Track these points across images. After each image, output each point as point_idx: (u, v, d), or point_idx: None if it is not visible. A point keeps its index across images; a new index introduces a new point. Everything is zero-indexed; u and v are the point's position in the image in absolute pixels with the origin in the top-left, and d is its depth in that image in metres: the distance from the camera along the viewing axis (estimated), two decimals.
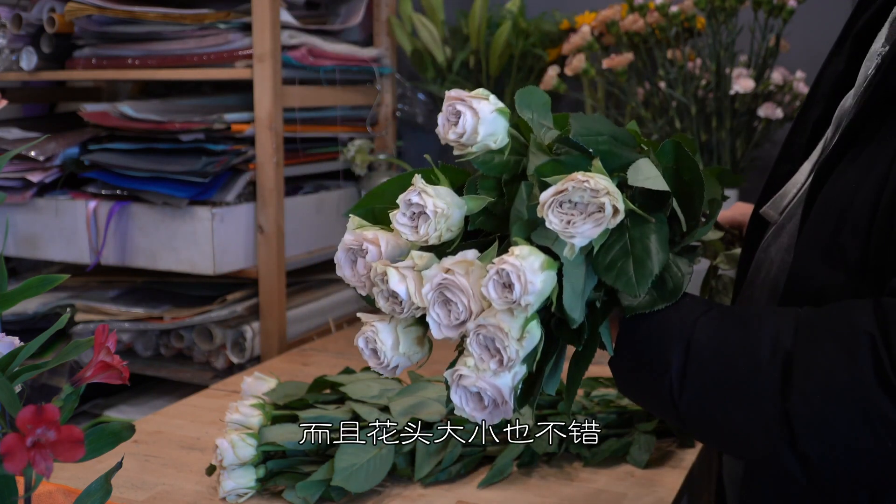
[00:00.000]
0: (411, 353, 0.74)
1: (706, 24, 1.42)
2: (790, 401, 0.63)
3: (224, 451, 0.89)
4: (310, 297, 1.64)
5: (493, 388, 0.67)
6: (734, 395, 0.65)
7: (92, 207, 1.48)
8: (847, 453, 0.63)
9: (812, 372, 0.63)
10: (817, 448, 0.63)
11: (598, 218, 0.63)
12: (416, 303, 0.68)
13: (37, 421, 0.49)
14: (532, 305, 0.63)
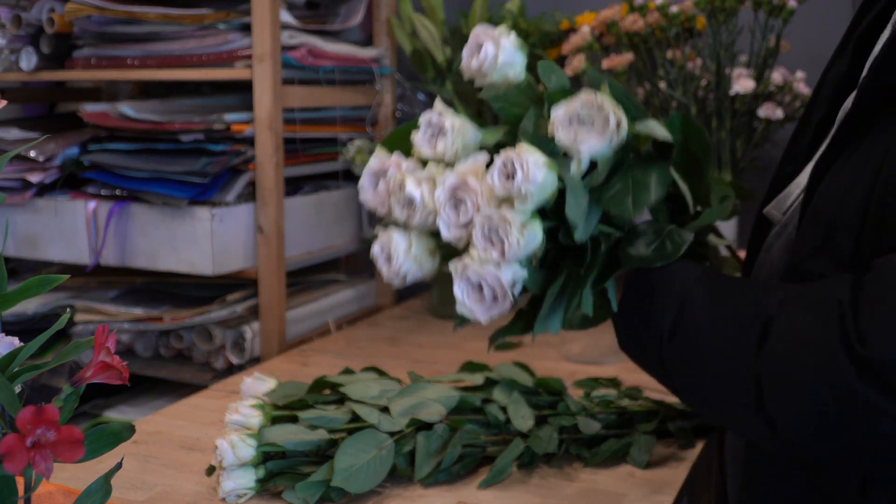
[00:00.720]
0: (422, 259, 0.79)
1: (706, 25, 1.42)
2: (761, 363, 0.66)
3: (224, 451, 0.89)
4: (310, 298, 1.64)
5: (494, 277, 0.72)
6: (714, 355, 0.69)
7: (91, 208, 1.48)
8: (811, 419, 0.64)
9: (784, 336, 0.65)
10: (782, 412, 0.65)
11: (604, 130, 0.68)
12: (428, 206, 0.73)
13: (37, 421, 0.49)
14: (532, 196, 0.68)
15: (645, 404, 1.08)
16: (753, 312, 0.68)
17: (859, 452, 0.65)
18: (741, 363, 0.67)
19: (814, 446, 0.66)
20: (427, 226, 0.76)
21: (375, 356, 1.40)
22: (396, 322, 1.64)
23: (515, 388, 1.05)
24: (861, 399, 0.60)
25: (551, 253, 0.76)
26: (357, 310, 1.76)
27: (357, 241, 1.76)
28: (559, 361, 1.36)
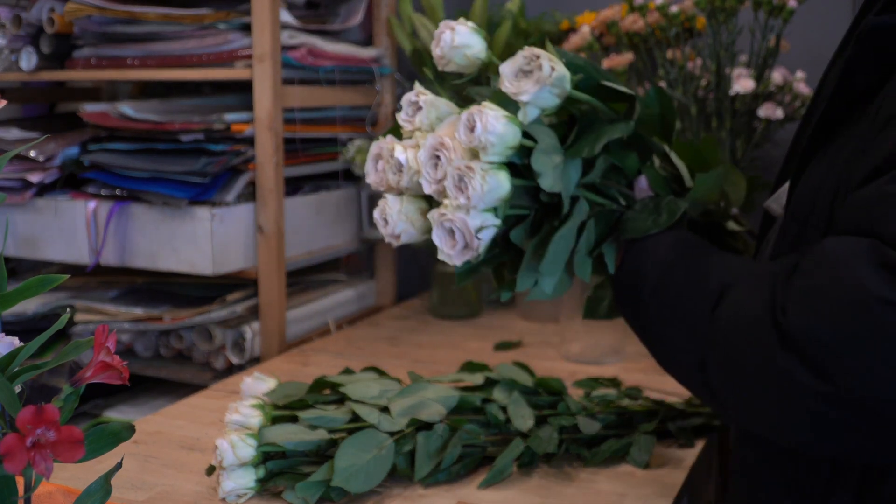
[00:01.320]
0: (413, 218, 0.86)
1: (706, 25, 1.42)
2: (711, 326, 0.70)
3: (224, 451, 0.89)
4: (310, 298, 1.64)
5: (462, 222, 0.79)
6: (677, 317, 0.76)
7: (91, 208, 1.48)
8: (740, 386, 0.68)
9: (731, 304, 0.69)
10: (718, 377, 0.69)
11: (539, 76, 0.77)
12: (413, 167, 0.83)
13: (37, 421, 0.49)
14: (493, 145, 0.76)
15: (645, 404, 1.08)
16: (718, 279, 0.73)
17: (783, 424, 0.66)
18: (697, 325, 0.72)
19: (744, 414, 0.70)
20: (414, 186, 0.84)
21: (375, 356, 1.40)
22: (396, 322, 1.64)
23: (515, 388, 1.05)
24: (780, 368, 0.62)
25: (538, 213, 0.85)
26: (357, 310, 1.76)
27: (357, 241, 1.76)
28: (559, 361, 1.36)
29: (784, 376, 0.62)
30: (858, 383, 0.59)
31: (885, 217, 0.59)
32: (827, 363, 0.60)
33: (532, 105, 0.79)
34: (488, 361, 1.13)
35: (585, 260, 0.86)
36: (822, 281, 0.61)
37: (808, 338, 0.60)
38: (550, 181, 0.80)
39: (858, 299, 0.58)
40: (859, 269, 0.59)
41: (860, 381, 0.59)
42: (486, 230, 0.79)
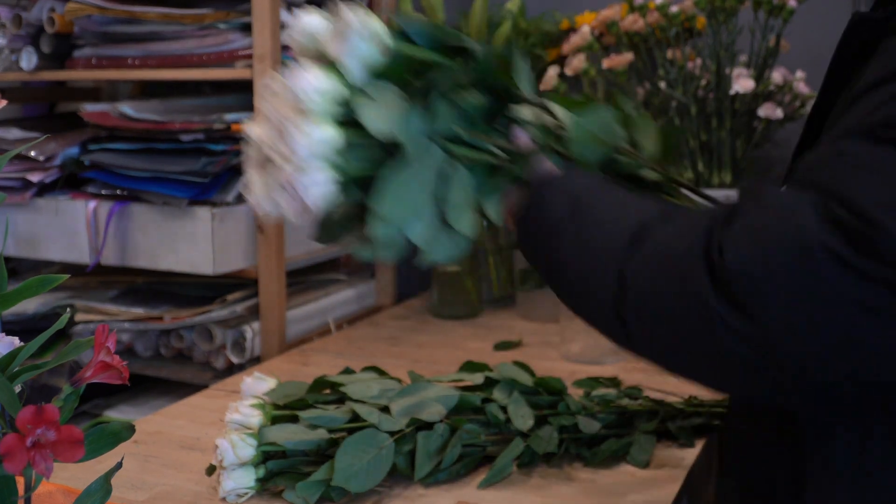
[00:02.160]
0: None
1: (706, 25, 1.42)
2: (631, 261, 0.68)
3: (224, 451, 0.89)
4: (310, 298, 1.64)
5: (289, 175, 0.77)
6: (590, 253, 0.73)
7: (92, 207, 1.48)
8: (658, 324, 0.66)
9: (657, 240, 0.68)
10: (636, 313, 0.68)
11: (344, 29, 0.78)
12: (257, 137, 0.81)
13: (37, 421, 0.49)
14: (310, 98, 0.77)
15: (645, 404, 1.08)
16: (639, 216, 0.71)
17: (699, 363, 0.66)
18: (610, 260, 0.70)
19: (659, 353, 0.69)
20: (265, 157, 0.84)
21: (375, 356, 1.40)
22: (396, 322, 1.64)
23: (515, 388, 1.05)
24: (705, 305, 0.61)
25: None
26: (357, 309, 1.76)
27: None
28: (559, 361, 1.36)
29: (709, 314, 0.61)
30: (782, 328, 0.59)
31: (838, 174, 0.59)
32: (756, 304, 0.59)
33: (351, 58, 0.79)
34: (488, 361, 1.13)
35: (464, 211, 0.82)
36: (764, 222, 0.61)
37: (741, 276, 0.60)
38: (380, 127, 0.79)
39: (802, 243, 0.58)
40: (805, 215, 0.58)
41: (784, 325, 0.59)
42: (317, 186, 0.78)
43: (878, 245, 0.55)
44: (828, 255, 0.57)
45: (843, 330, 0.58)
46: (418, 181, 0.81)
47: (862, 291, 0.56)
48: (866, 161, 0.59)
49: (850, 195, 0.57)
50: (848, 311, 0.57)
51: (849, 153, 0.60)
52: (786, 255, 0.58)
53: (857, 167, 0.59)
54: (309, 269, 1.70)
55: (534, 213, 0.80)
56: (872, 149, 0.59)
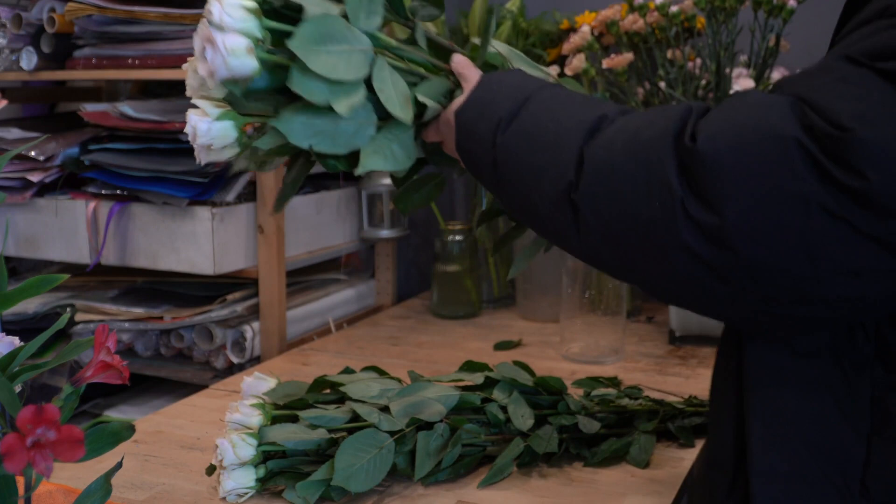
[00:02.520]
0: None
1: (706, 24, 1.42)
2: (590, 144, 0.67)
3: (224, 450, 0.89)
4: (310, 297, 1.64)
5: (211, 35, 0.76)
6: (544, 140, 0.70)
7: (92, 207, 1.48)
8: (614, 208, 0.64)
9: (623, 127, 0.66)
10: (591, 198, 0.66)
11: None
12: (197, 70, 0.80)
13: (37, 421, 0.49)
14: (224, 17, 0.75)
15: (645, 404, 1.08)
16: (598, 109, 0.70)
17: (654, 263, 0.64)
18: (568, 148, 0.68)
19: (611, 244, 0.66)
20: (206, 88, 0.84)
21: (375, 356, 1.40)
22: (396, 321, 1.64)
23: (515, 388, 1.05)
24: (672, 193, 0.61)
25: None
26: (357, 309, 1.76)
27: (357, 241, 1.76)
28: (559, 361, 1.36)
29: (670, 202, 0.61)
30: (743, 223, 0.58)
31: (820, 85, 0.60)
32: (722, 193, 0.59)
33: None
34: (488, 361, 1.13)
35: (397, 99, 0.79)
36: (742, 114, 0.61)
37: (711, 162, 0.59)
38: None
39: (777, 134, 0.58)
40: (783, 113, 0.59)
41: (745, 218, 0.58)
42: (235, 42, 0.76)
43: (847, 152, 0.56)
44: (799, 150, 0.57)
45: (802, 232, 0.57)
46: (345, 59, 0.78)
47: (826, 195, 0.56)
48: (849, 77, 0.59)
49: (827, 104, 0.58)
50: (810, 213, 0.57)
51: (830, 68, 0.61)
52: (759, 142, 0.59)
53: (836, 80, 0.60)
54: (309, 268, 1.70)
55: (477, 110, 0.76)
56: (854, 69, 0.59)
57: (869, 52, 0.59)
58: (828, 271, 0.58)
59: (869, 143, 0.55)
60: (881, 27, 0.60)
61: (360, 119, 0.80)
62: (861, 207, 0.56)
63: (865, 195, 0.56)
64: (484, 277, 1.71)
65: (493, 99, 0.76)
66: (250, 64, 0.76)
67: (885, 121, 0.56)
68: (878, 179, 0.55)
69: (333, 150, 0.80)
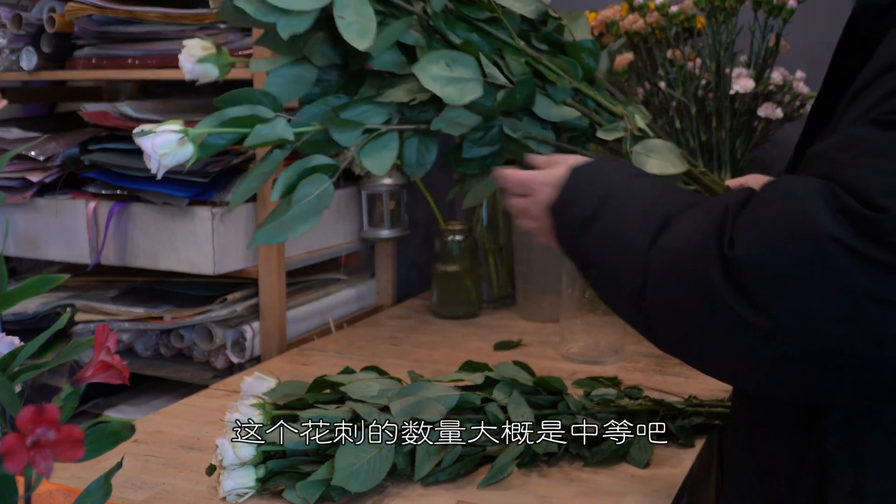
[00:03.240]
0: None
1: (706, 24, 1.42)
2: (652, 255, 0.69)
3: (224, 450, 0.89)
4: (310, 297, 1.64)
5: None
6: (619, 244, 0.73)
7: (92, 207, 1.48)
8: (678, 317, 0.67)
9: (676, 233, 0.68)
10: (656, 307, 0.68)
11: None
12: None
13: (37, 421, 0.49)
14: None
15: (645, 404, 1.08)
16: (662, 209, 0.71)
17: (717, 358, 0.66)
18: (636, 255, 0.70)
19: (679, 347, 0.69)
20: None
21: (375, 355, 1.40)
22: (396, 321, 1.64)
23: (515, 388, 1.05)
24: (719, 300, 0.61)
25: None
26: (357, 309, 1.76)
27: (357, 241, 1.76)
28: (559, 361, 1.36)
29: (722, 309, 0.61)
30: (794, 320, 0.58)
31: (849, 162, 0.59)
32: (768, 296, 0.59)
33: None
34: (488, 361, 1.13)
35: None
36: (774, 213, 0.61)
37: (752, 269, 0.60)
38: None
39: (810, 234, 0.57)
40: (815, 205, 0.58)
41: (797, 317, 0.58)
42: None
43: (885, 233, 0.55)
44: (837, 245, 0.56)
45: (857, 321, 0.57)
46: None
47: (872, 282, 0.56)
48: (875, 147, 0.58)
49: (858, 182, 0.57)
50: (860, 302, 0.56)
51: (858, 139, 0.59)
52: (795, 245, 0.58)
53: (865, 153, 0.58)
54: (309, 268, 1.70)
55: (567, 208, 0.80)
56: (881, 134, 0.58)
57: (892, 110, 0.58)
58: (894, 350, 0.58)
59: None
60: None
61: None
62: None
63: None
64: (484, 277, 1.71)
65: (578, 199, 0.79)
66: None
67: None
68: None
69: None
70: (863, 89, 0.64)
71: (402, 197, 1.76)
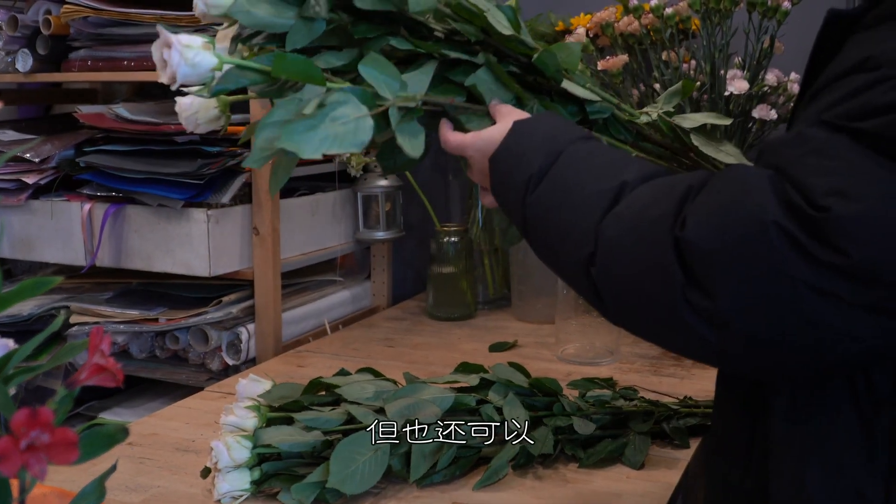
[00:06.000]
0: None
1: (701, 26, 1.42)
2: (606, 217, 0.69)
3: (219, 453, 0.89)
4: (305, 299, 1.64)
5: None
6: (569, 205, 0.72)
7: (87, 209, 1.48)
8: (623, 287, 0.67)
9: (633, 203, 0.68)
10: (605, 274, 0.68)
11: None
12: None
13: (31, 424, 0.49)
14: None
15: (640, 405, 1.08)
16: (621, 174, 0.71)
17: (662, 330, 0.67)
18: (589, 218, 0.70)
19: (625, 316, 0.69)
20: None
21: (371, 357, 1.40)
22: (392, 323, 1.64)
23: (511, 389, 1.05)
24: (668, 277, 0.62)
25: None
26: (352, 311, 1.76)
27: (353, 243, 1.76)
28: (554, 362, 1.36)
29: (671, 286, 0.62)
30: (737, 306, 0.60)
31: (796, 159, 0.60)
32: (713, 280, 0.61)
33: None
34: (483, 362, 1.13)
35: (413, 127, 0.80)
36: (724, 198, 0.62)
37: (699, 251, 0.61)
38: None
39: (757, 220, 0.59)
40: (763, 194, 0.60)
41: (739, 303, 0.60)
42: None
43: (826, 231, 0.56)
44: (782, 235, 0.58)
45: (798, 310, 0.58)
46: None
47: (813, 274, 0.57)
48: (823, 147, 0.60)
49: (805, 180, 0.59)
50: (800, 292, 0.58)
51: (807, 138, 0.61)
52: (742, 231, 0.60)
53: (814, 151, 0.60)
54: (304, 270, 1.70)
55: (510, 161, 0.78)
56: (830, 136, 0.60)
57: (845, 114, 0.60)
58: (829, 339, 0.59)
59: (845, 220, 0.56)
60: (858, 84, 0.60)
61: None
62: (847, 281, 0.57)
63: (849, 270, 0.56)
64: (479, 279, 1.71)
65: (525, 152, 0.77)
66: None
67: (860, 192, 0.56)
68: (859, 254, 0.56)
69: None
70: (820, 90, 0.65)
71: (398, 198, 1.76)
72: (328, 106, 0.74)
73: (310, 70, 0.76)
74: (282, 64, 0.75)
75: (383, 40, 0.83)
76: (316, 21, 0.80)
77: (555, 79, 0.87)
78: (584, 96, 0.88)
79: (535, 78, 0.88)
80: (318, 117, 0.74)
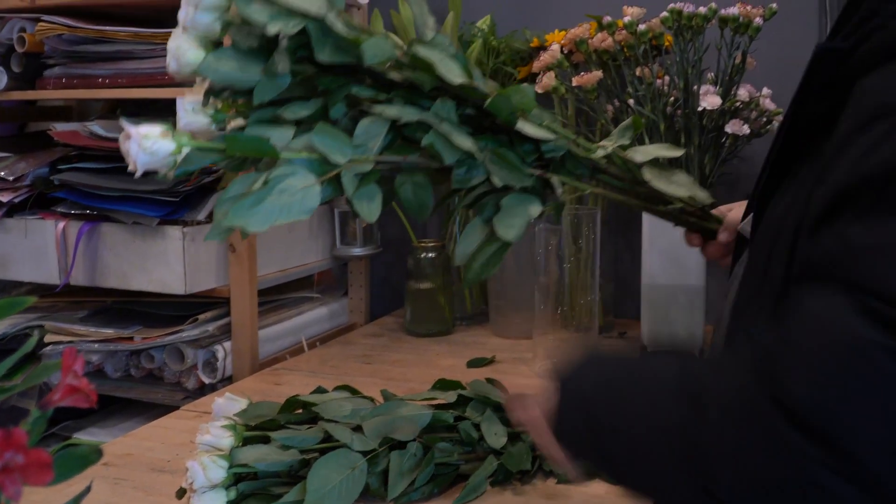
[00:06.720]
0: None
1: (674, 42, 1.44)
2: (700, 437, 0.61)
3: (194, 473, 0.89)
4: (282, 316, 1.63)
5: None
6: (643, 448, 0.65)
7: (61, 227, 1.47)
8: (754, 482, 0.60)
9: (712, 400, 0.61)
10: (731, 488, 0.61)
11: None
12: None
13: (5, 445, 0.49)
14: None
15: None
16: (675, 394, 0.64)
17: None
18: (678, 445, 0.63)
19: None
20: None
21: (348, 374, 1.40)
22: (369, 340, 1.64)
23: (488, 405, 1.05)
24: (790, 449, 0.57)
25: None
26: (330, 328, 1.75)
27: (330, 259, 1.76)
28: (532, 377, 1.36)
29: (794, 457, 0.56)
30: (875, 448, 0.55)
31: (857, 266, 0.56)
32: (843, 433, 0.55)
33: (192, 29, 0.85)
34: (461, 378, 1.13)
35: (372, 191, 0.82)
36: (816, 344, 0.57)
37: (820, 410, 0.56)
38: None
39: (858, 351, 0.54)
40: (850, 321, 0.55)
41: (876, 444, 0.55)
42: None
43: None
44: (883, 352, 0.54)
45: None
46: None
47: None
48: (877, 243, 0.56)
49: (879, 286, 0.55)
50: None
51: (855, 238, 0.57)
52: (849, 368, 0.55)
53: (872, 252, 0.56)
54: (281, 287, 1.69)
55: (566, 414, 0.72)
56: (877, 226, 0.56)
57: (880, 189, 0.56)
58: None
59: None
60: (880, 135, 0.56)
61: None
62: None
63: None
64: (457, 294, 1.71)
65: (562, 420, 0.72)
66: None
67: None
68: None
69: None
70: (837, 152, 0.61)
71: None
72: (274, 179, 0.78)
73: (261, 146, 0.80)
74: (234, 143, 0.79)
75: (347, 89, 0.85)
76: (279, 76, 0.82)
77: (508, 122, 0.87)
78: (539, 136, 0.88)
79: (493, 120, 0.88)
80: (265, 191, 0.77)
